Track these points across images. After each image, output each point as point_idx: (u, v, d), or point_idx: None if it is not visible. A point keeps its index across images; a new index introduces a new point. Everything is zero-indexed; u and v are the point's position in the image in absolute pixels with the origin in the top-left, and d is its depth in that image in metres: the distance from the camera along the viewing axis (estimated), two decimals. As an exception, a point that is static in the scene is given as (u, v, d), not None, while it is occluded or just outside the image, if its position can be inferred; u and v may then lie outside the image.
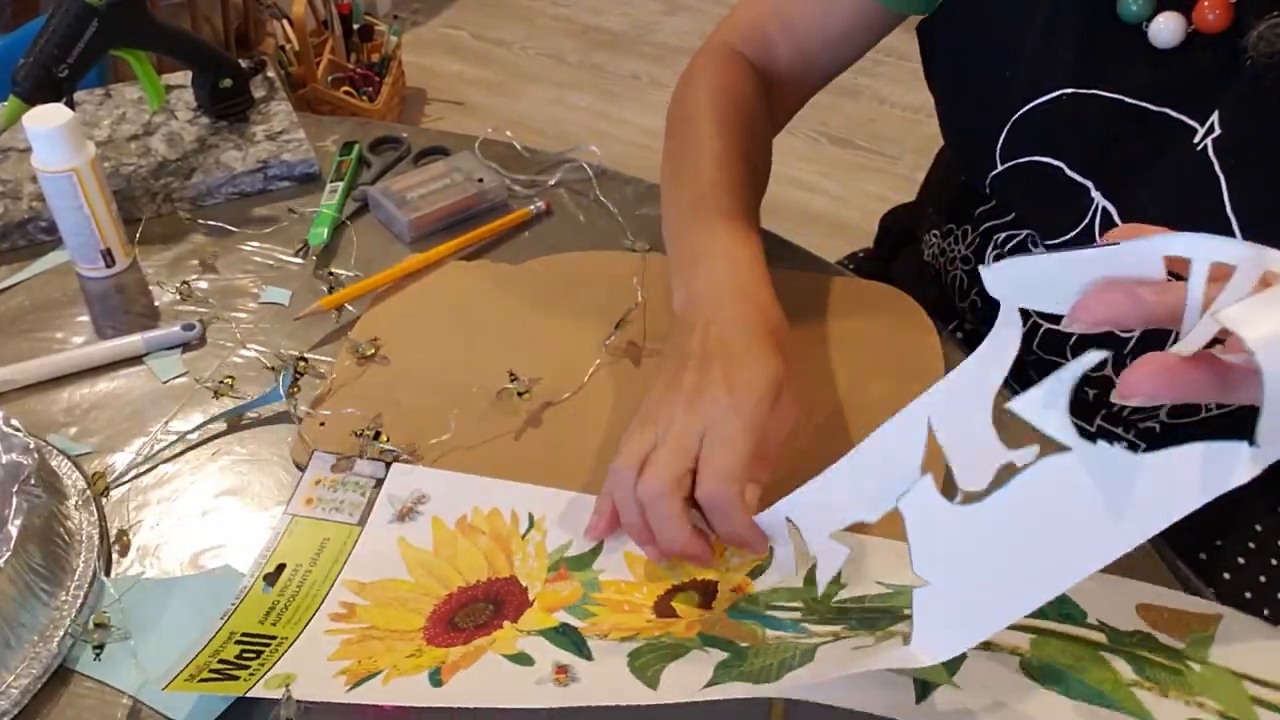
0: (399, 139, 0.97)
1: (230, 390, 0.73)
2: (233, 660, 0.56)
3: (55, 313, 0.80)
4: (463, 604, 0.61)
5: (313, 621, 0.59)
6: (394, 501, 0.66)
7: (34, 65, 0.82)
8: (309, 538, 0.63)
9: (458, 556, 0.63)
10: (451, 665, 0.55)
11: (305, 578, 0.61)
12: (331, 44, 2.45)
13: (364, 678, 0.55)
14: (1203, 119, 0.65)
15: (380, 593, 0.61)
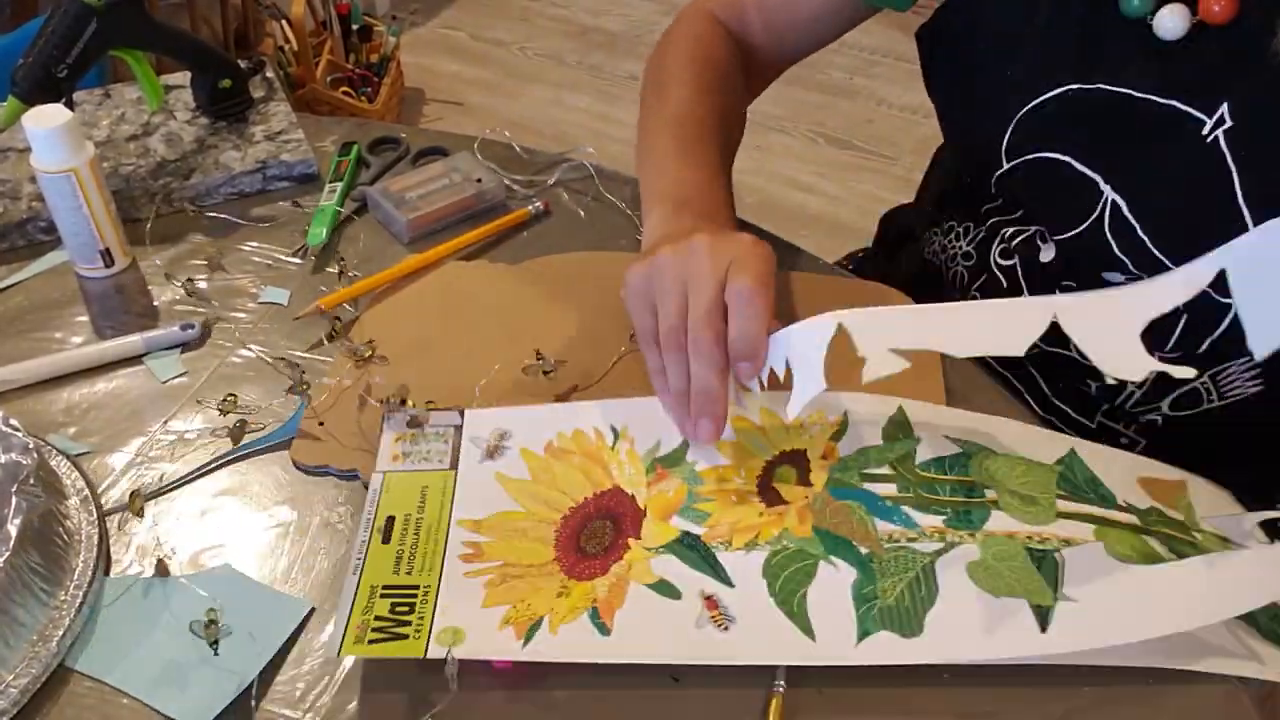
0: (398, 139, 0.97)
1: (235, 408, 0.72)
2: (389, 616, 0.58)
3: (54, 313, 0.80)
4: (581, 525, 0.64)
5: (445, 565, 0.61)
6: (478, 443, 0.68)
7: (33, 65, 0.82)
8: (407, 489, 0.65)
9: (557, 478, 0.66)
10: (606, 604, 0.59)
11: (419, 525, 0.63)
12: (330, 44, 2.45)
13: (530, 627, 0.58)
14: (1211, 111, 0.65)
15: (498, 526, 0.63)
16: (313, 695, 0.57)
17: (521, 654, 0.57)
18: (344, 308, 0.79)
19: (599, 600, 0.59)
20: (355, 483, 0.68)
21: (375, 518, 0.63)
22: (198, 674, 0.57)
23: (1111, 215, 0.71)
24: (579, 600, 0.59)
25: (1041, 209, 0.78)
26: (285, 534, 0.65)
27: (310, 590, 0.62)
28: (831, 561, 0.60)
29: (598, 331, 0.77)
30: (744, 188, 2.42)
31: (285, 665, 0.59)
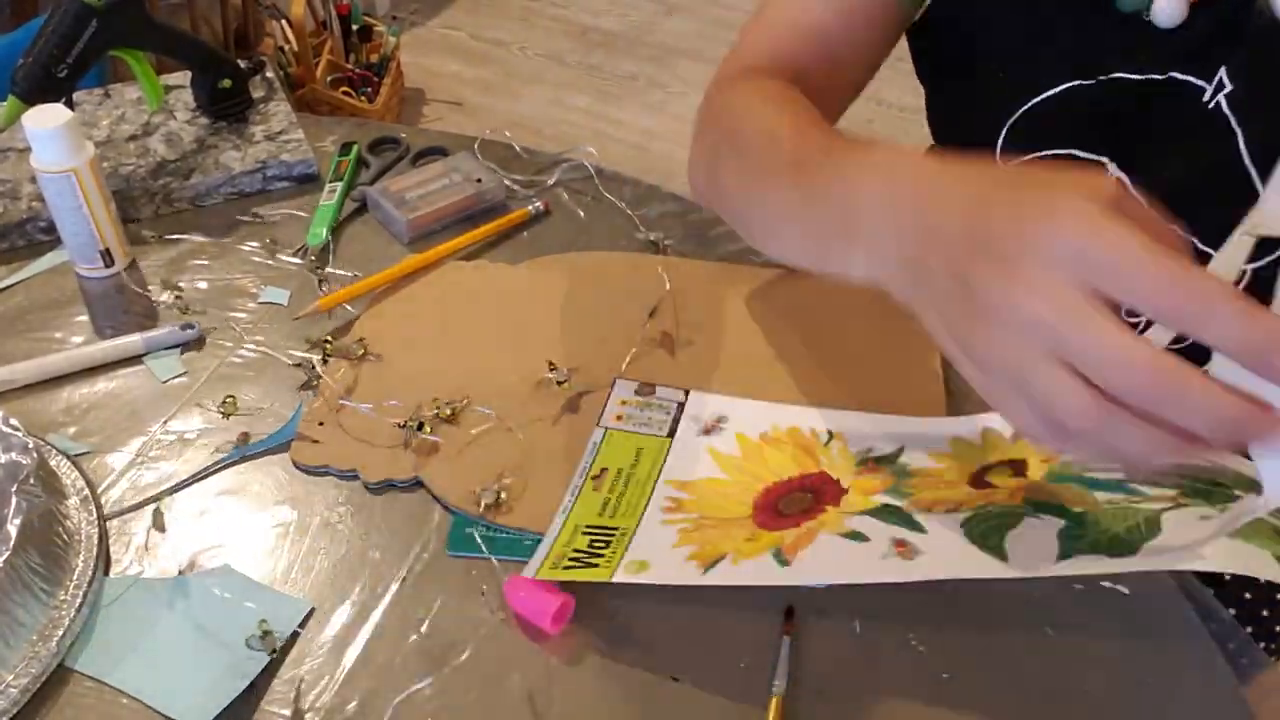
0: (397, 139, 0.97)
1: (235, 409, 0.73)
2: (586, 550, 0.61)
3: (54, 312, 0.80)
4: (782, 494, 0.65)
5: (646, 513, 0.63)
6: (697, 421, 0.70)
7: (33, 65, 0.82)
8: (624, 447, 0.67)
9: (767, 460, 0.67)
10: (792, 545, 0.60)
11: (629, 478, 0.65)
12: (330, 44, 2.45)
13: (713, 560, 0.59)
14: (1209, 77, 0.66)
15: (703, 488, 0.65)
16: (313, 695, 0.57)
17: (702, 580, 0.58)
18: (344, 308, 0.79)
19: (785, 545, 0.61)
20: (355, 483, 0.68)
21: (591, 467, 0.66)
22: (197, 674, 0.57)
23: None
24: (766, 544, 0.61)
25: None
26: (285, 534, 0.65)
27: (310, 590, 0.62)
28: (1038, 516, 0.57)
29: (600, 332, 0.77)
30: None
31: (285, 665, 0.59)
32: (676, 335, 0.77)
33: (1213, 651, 0.60)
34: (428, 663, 0.59)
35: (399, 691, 0.57)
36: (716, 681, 0.58)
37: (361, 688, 0.58)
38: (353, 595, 0.62)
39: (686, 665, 0.59)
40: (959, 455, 0.66)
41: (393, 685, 0.58)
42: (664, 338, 0.77)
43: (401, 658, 0.59)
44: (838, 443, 0.68)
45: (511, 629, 0.60)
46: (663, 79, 2.79)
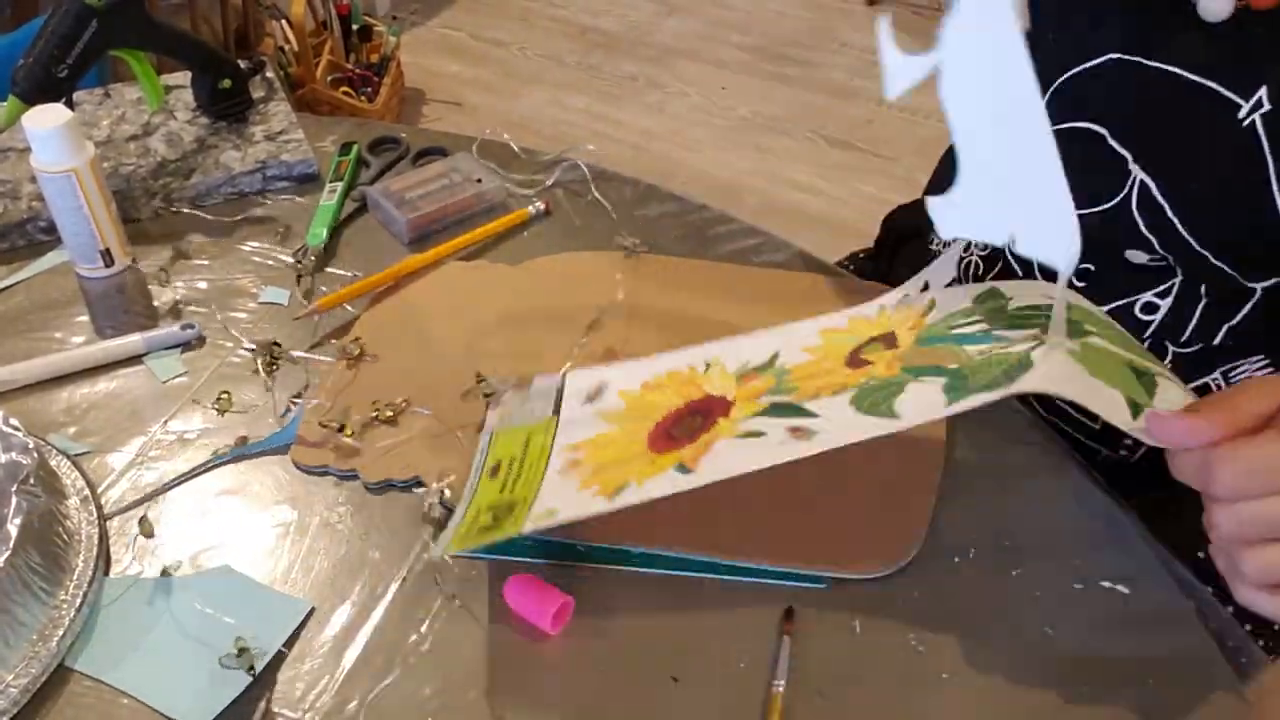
0: (398, 139, 0.97)
1: (230, 406, 0.73)
2: (490, 523, 0.60)
3: (54, 312, 0.80)
4: (673, 424, 0.64)
5: (545, 477, 0.62)
6: (579, 394, 0.69)
7: (33, 65, 0.82)
8: (513, 439, 0.67)
9: (652, 402, 0.67)
10: (691, 457, 0.60)
11: (524, 458, 0.65)
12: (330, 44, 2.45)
13: (617, 489, 0.59)
14: (1248, 95, 0.65)
15: (596, 442, 0.65)
16: (313, 695, 0.57)
17: (610, 506, 0.58)
18: (344, 308, 0.79)
19: (685, 458, 0.60)
20: (355, 483, 0.68)
21: (484, 465, 0.66)
22: (197, 674, 0.57)
23: (1140, 195, 0.71)
24: (666, 462, 0.60)
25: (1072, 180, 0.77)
26: (285, 534, 0.65)
27: (310, 590, 0.62)
28: (920, 380, 0.59)
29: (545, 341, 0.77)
30: (744, 189, 2.43)
31: (285, 665, 0.59)
32: (622, 348, 0.77)
33: (1212, 650, 0.60)
34: (428, 663, 0.59)
35: (399, 691, 0.57)
36: (716, 681, 0.58)
37: (361, 688, 0.58)
38: (353, 595, 0.62)
39: (686, 665, 0.59)
40: (830, 343, 0.67)
41: (393, 685, 0.58)
42: (607, 353, 0.76)
43: (402, 658, 0.59)
44: (715, 368, 0.68)
45: (511, 629, 0.60)
46: (662, 79, 2.79)
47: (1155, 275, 0.75)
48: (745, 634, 0.60)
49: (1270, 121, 0.65)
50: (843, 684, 0.58)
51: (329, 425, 0.70)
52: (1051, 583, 0.63)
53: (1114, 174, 0.72)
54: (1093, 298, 0.78)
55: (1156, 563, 0.65)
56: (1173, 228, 0.70)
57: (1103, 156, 0.72)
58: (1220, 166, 0.68)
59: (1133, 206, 0.72)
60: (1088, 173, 0.74)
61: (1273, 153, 0.65)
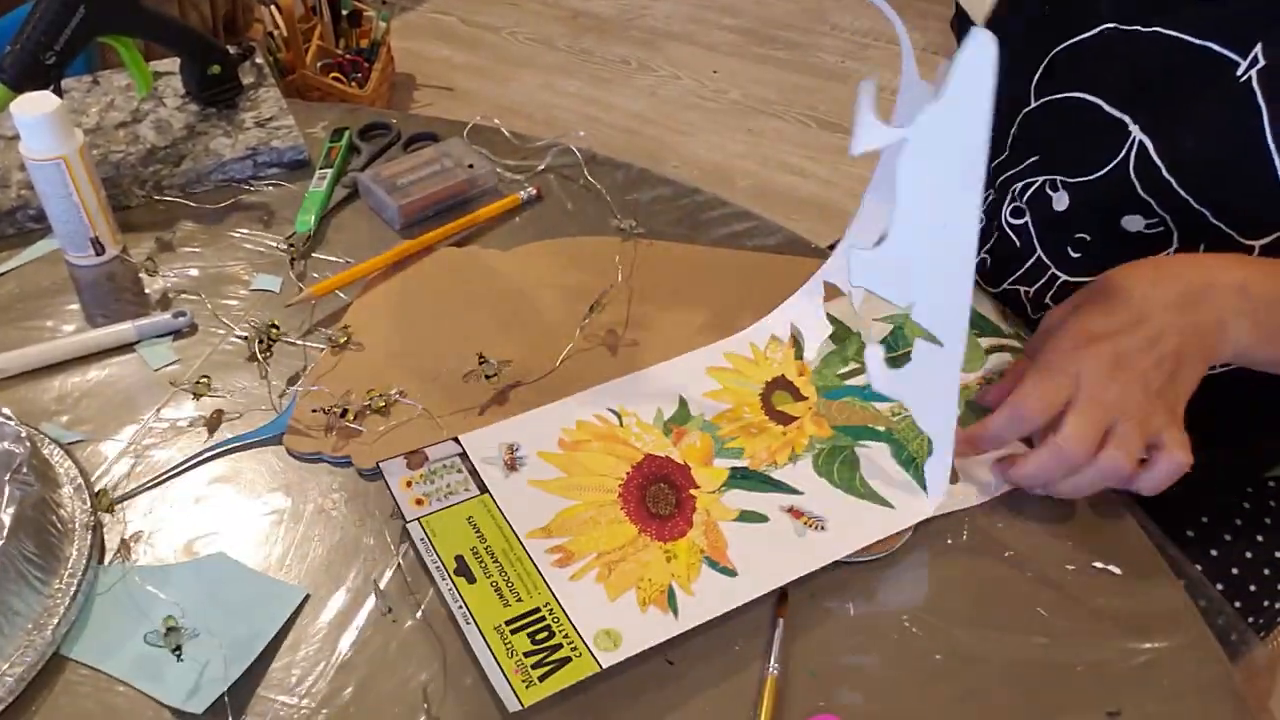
0: (388, 125, 0.97)
1: (208, 390, 0.73)
2: (535, 647, 0.57)
3: (45, 301, 0.80)
4: (641, 494, 0.66)
5: (546, 579, 0.61)
6: (491, 462, 0.68)
7: (21, 52, 0.82)
8: (453, 524, 0.64)
9: (588, 466, 0.68)
10: (714, 549, 0.63)
11: (490, 552, 0.62)
12: (320, 30, 2.44)
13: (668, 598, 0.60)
14: (1245, 52, 0.66)
15: (567, 525, 0.64)
16: (308, 681, 0.57)
17: (679, 626, 0.59)
18: (336, 294, 0.79)
19: (706, 548, 0.63)
20: (349, 470, 0.68)
21: (443, 563, 0.61)
22: (194, 661, 0.57)
23: (1138, 157, 0.72)
24: (690, 556, 0.62)
25: (1064, 151, 0.78)
26: (280, 521, 0.65)
27: (305, 577, 0.62)
28: (864, 445, 0.69)
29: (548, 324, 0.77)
30: (736, 172, 2.42)
31: (281, 652, 0.59)
32: (623, 332, 0.77)
33: (1202, 628, 0.61)
34: (423, 648, 0.59)
35: (395, 677, 0.58)
36: (710, 664, 0.58)
37: (357, 674, 0.58)
38: (347, 582, 0.62)
39: (681, 648, 0.59)
40: (728, 385, 0.73)
41: (388, 671, 0.58)
42: (608, 335, 0.77)
43: (397, 643, 0.59)
44: (630, 418, 0.71)
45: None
46: (654, 63, 2.78)
47: (1151, 242, 0.75)
48: (738, 617, 0.60)
49: (1265, 77, 0.65)
50: (836, 665, 0.58)
51: (331, 410, 0.69)
52: (1043, 564, 0.63)
53: (1112, 137, 0.73)
54: (1090, 267, 0.78)
55: (1147, 543, 0.65)
56: (1170, 188, 0.71)
57: (1100, 122, 0.73)
58: (1217, 123, 0.68)
59: (1130, 170, 0.72)
60: (1085, 140, 0.74)
61: (1267, 106, 0.66)
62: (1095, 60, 0.71)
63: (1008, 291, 0.85)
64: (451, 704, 0.56)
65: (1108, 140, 0.73)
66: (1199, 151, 0.69)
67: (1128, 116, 0.72)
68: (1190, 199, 0.70)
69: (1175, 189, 0.70)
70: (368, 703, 0.57)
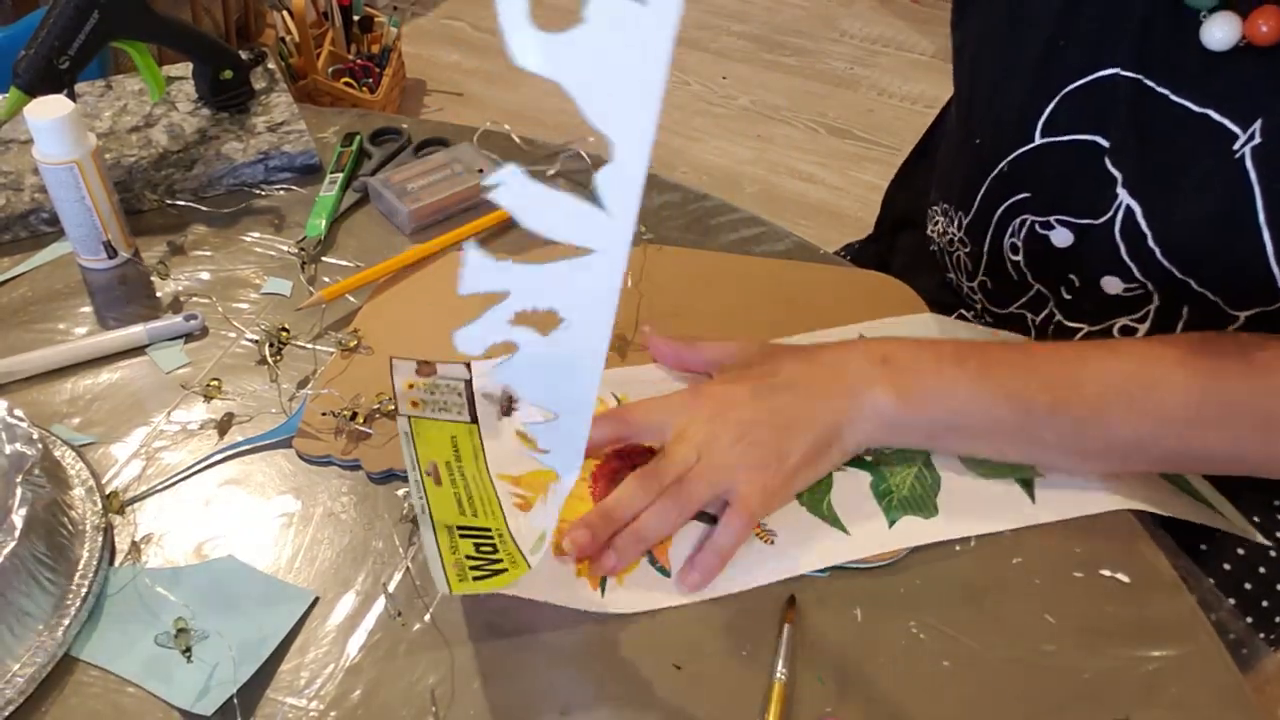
0: (399, 130, 0.97)
1: (219, 393, 0.73)
2: (478, 555, 0.59)
3: (58, 304, 0.80)
4: (611, 479, 0.66)
5: (506, 515, 0.63)
6: (490, 399, 0.70)
7: (35, 57, 0.82)
8: (438, 436, 0.66)
9: None
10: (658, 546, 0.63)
11: (462, 472, 0.64)
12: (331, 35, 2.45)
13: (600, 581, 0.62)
14: (1245, 126, 0.64)
15: (537, 484, 0.66)
16: (317, 684, 0.58)
17: (603, 605, 0.60)
18: (346, 298, 0.79)
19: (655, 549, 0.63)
20: (359, 473, 0.68)
21: (419, 461, 0.64)
22: (203, 663, 0.58)
23: (1124, 219, 0.71)
24: None
25: (1056, 196, 0.77)
26: (289, 524, 0.66)
27: (314, 580, 0.63)
28: (843, 469, 0.67)
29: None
30: (744, 178, 2.42)
31: (290, 654, 0.59)
32: (633, 336, 0.77)
33: (1212, 637, 0.61)
34: (432, 652, 0.59)
35: (404, 680, 0.58)
36: (718, 669, 0.58)
37: (366, 676, 0.58)
38: (356, 584, 0.62)
39: (688, 653, 0.59)
40: None
41: (397, 674, 0.58)
42: (618, 340, 0.77)
43: (406, 646, 0.59)
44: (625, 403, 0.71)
45: (516, 616, 0.60)
46: (664, 69, 2.79)
47: (1131, 302, 0.74)
48: (747, 621, 0.60)
49: (1261, 154, 0.64)
50: (844, 671, 0.58)
51: (341, 413, 0.70)
52: (1051, 571, 0.63)
53: (1102, 195, 0.72)
54: (1069, 319, 0.78)
55: (1157, 551, 0.65)
56: (1153, 256, 0.70)
57: (1096, 174, 0.72)
58: (1208, 197, 0.67)
59: (1115, 231, 0.71)
60: (1080, 188, 0.73)
61: (1261, 187, 0.64)
62: (1103, 103, 0.70)
63: (1014, 314, 0.84)
64: (460, 707, 0.57)
65: (1100, 197, 0.72)
66: (1186, 224, 0.68)
67: (1120, 174, 0.71)
68: (1173, 269, 0.69)
69: (1158, 257, 0.70)
70: (376, 705, 0.57)
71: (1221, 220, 0.66)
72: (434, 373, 0.69)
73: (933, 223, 0.93)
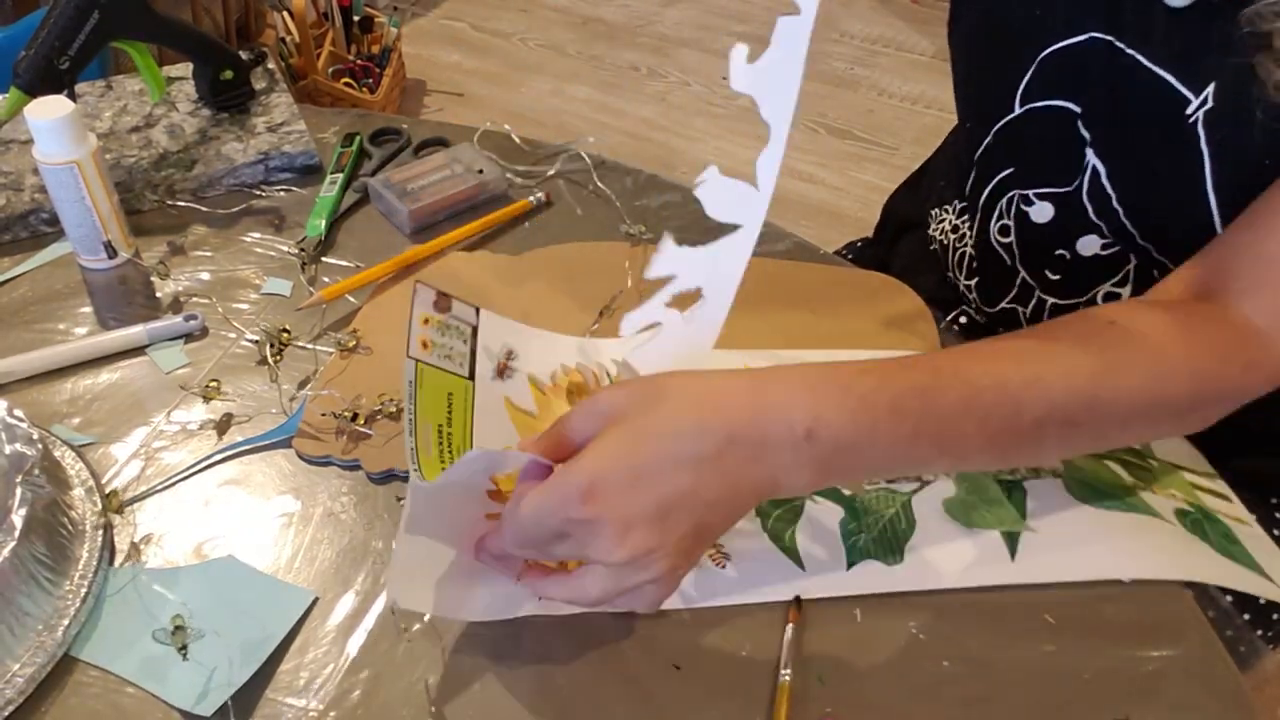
0: (399, 130, 0.97)
1: (218, 393, 0.73)
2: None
3: (58, 304, 0.80)
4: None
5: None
6: (489, 355, 0.69)
7: (35, 57, 0.82)
8: (436, 391, 0.65)
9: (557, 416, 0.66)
10: None
11: (449, 439, 0.64)
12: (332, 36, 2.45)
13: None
14: (1198, 90, 0.65)
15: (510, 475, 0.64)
16: (317, 683, 0.58)
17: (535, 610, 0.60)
18: (346, 299, 0.79)
19: None
20: (359, 473, 0.68)
21: (416, 419, 0.60)
22: (202, 664, 0.58)
23: (1091, 180, 0.71)
24: None
25: (1035, 164, 0.77)
26: (289, 524, 0.66)
27: (314, 580, 0.63)
28: (815, 500, 0.66)
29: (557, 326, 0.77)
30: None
31: (290, 654, 0.59)
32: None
33: (1211, 637, 0.61)
34: (432, 652, 0.59)
35: (403, 680, 0.58)
36: (718, 670, 0.58)
37: (365, 676, 0.58)
38: (356, 584, 0.62)
39: (688, 654, 0.59)
40: None
41: (396, 674, 0.58)
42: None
43: (405, 646, 0.59)
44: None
45: (515, 617, 0.60)
46: (663, 69, 2.79)
47: (1108, 264, 0.74)
48: (747, 623, 0.60)
49: (1209, 120, 0.64)
50: (844, 671, 0.58)
51: (341, 414, 0.70)
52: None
53: (1073, 158, 0.72)
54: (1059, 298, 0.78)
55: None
56: (1117, 216, 0.70)
57: (1068, 139, 0.72)
58: (1162, 161, 0.67)
59: (1083, 194, 0.72)
60: (1056, 156, 0.74)
61: (1209, 152, 0.64)
62: (1078, 67, 0.71)
63: (1005, 311, 0.84)
64: (459, 708, 0.57)
65: (1071, 160, 0.72)
66: (1142, 186, 0.69)
67: (1090, 135, 0.71)
68: (1135, 233, 0.70)
69: (1122, 219, 0.70)
70: (375, 706, 0.57)
71: (1174, 184, 0.67)
72: (449, 309, 0.67)
73: (936, 221, 0.93)
